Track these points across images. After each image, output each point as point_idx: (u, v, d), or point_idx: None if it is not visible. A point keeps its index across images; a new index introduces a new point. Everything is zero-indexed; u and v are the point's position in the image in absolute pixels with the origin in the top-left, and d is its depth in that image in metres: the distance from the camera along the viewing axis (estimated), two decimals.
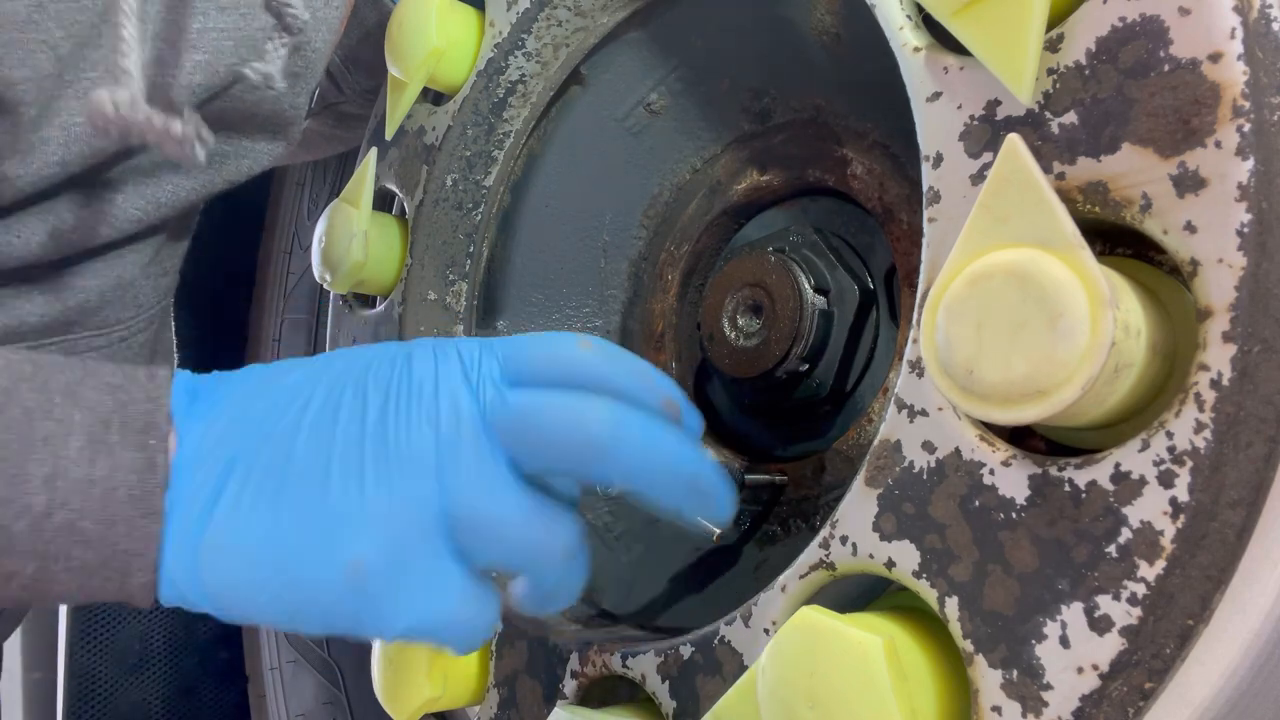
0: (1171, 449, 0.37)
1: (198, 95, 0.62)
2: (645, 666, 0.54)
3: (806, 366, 0.67)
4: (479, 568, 0.45)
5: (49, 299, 0.65)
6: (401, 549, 0.43)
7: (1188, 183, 0.37)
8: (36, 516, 0.40)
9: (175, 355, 0.82)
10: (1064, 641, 0.38)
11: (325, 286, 0.79)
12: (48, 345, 0.67)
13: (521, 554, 0.46)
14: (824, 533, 0.47)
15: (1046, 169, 0.41)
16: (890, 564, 0.44)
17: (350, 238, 0.76)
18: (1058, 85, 0.41)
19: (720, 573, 0.72)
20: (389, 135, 0.79)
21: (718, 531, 0.54)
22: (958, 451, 0.42)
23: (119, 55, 0.52)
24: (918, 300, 0.45)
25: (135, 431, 0.42)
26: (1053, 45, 0.41)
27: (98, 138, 0.59)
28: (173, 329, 0.81)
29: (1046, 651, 0.39)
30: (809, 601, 0.47)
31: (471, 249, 0.78)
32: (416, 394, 0.45)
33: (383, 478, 0.43)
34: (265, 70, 0.61)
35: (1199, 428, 0.37)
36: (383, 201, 0.81)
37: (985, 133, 0.43)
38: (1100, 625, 0.38)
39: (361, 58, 0.84)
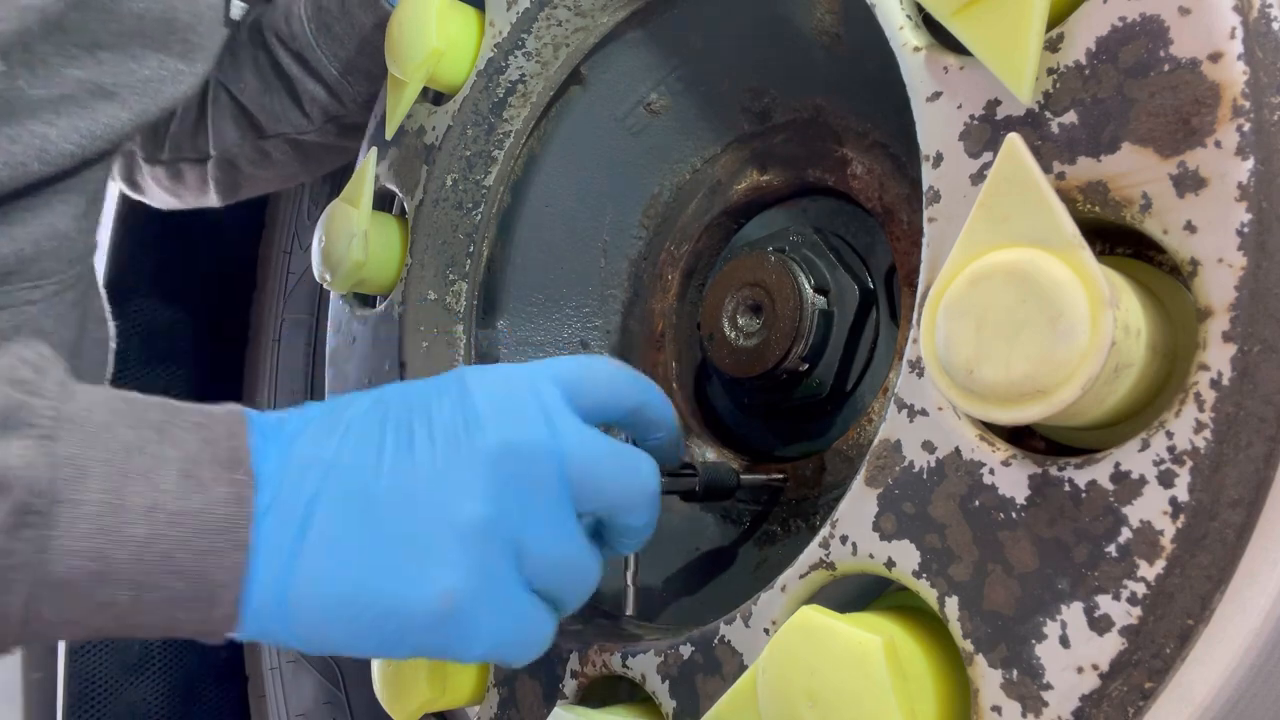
0: (1171, 449, 0.37)
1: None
2: (645, 666, 0.54)
3: (806, 366, 0.67)
4: (537, 589, 0.49)
5: None
6: (484, 572, 0.46)
7: (1188, 182, 0.37)
8: (138, 546, 0.42)
9: (109, 321, 0.81)
10: (1064, 641, 0.38)
11: (325, 286, 0.79)
12: None
13: (575, 588, 0.50)
14: (824, 532, 0.47)
15: (1046, 169, 0.41)
16: (890, 564, 0.44)
17: (350, 238, 0.76)
18: (1058, 85, 0.41)
19: (720, 573, 0.72)
20: (389, 135, 0.79)
21: None
22: (958, 451, 0.42)
23: None
24: (918, 300, 0.45)
25: (224, 467, 0.44)
26: (1053, 45, 0.41)
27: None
28: (103, 296, 0.81)
29: (1046, 651, 0.39)
30: (809, 601, 0.47)
31: (471, 249, 0.78)
32: (492, 422, 0.48)
33: (464, 503, 0.46)
34: None
35: (1199, 427, 0.37)
36: (383, 201, 0.81)
37: (985, 132, 0.43)
38: (1100, 625, 0.38)
39: (359, 66, 0.83)
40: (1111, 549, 0.38)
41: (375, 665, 0.63)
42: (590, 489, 0.49)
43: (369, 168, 0.78)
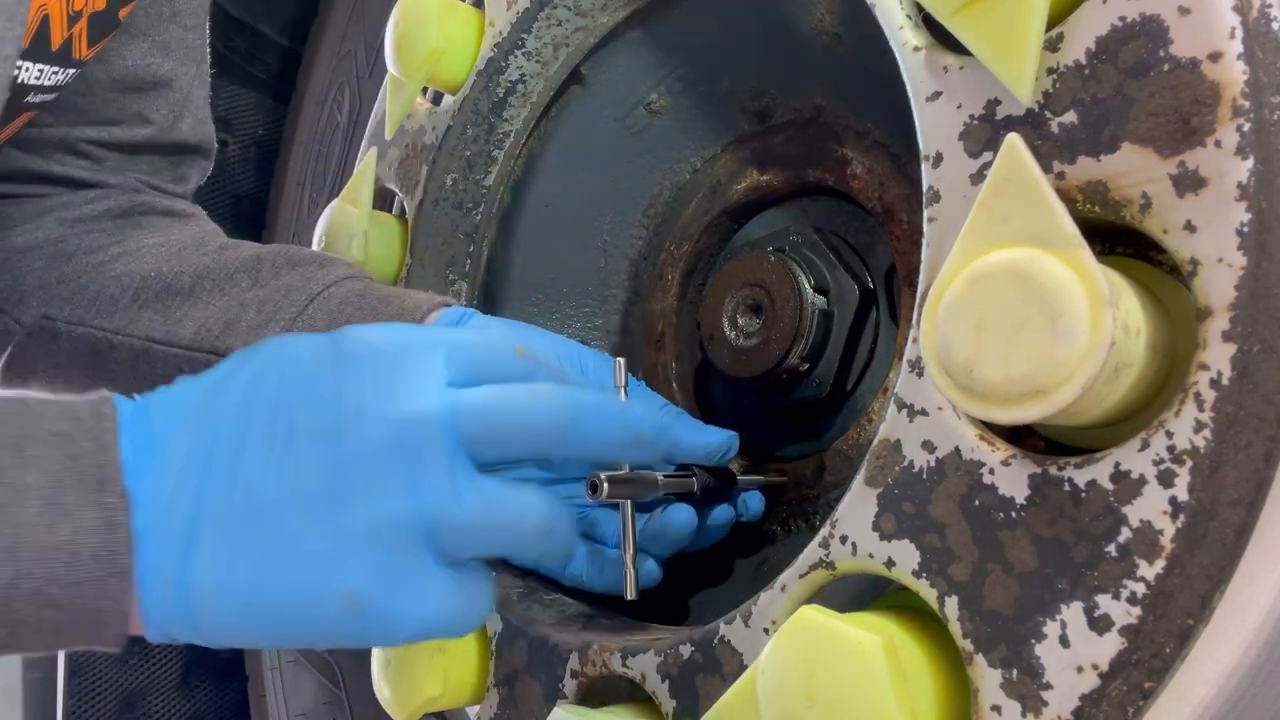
0: (1171, 448, 0.37)
1: None
2: (645, 666, 0.54)
3: (806, 366, 0.67)
4: (463, 561, 0.46)
5: None
6: (389, 569, 0.44)
7: (1187, 182, 0.37)
8: (3, 587, 0.39)
9: None
10: (1064, 641, 0.38)
11: None
12: None
13: (497, 544, 0.47)
14: (824, 532, 0.47)
15: (1046, 168, 0.41)
16: (890, 563, 0.44)
17: (350, 238, 0.76)
18: (1057, 85, 0.41)
19: (720, 573, 0.72)
20: (389, 135, 0.79)
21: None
22: (957, 451, 0.42)
23: None
24: (918, 300, 0.45)
25: (91, 489, 0.41)
26: (1052, 44, 0.41)
27: None
28: None
29: (1046, 651, 0.39)
30: (809, 601, 0.47)
31: (471, 249, 0.78)
32: (372, 409, 0.44)
33: (356, 503, 0.43)
34: None
35: (1199, 427, 0.37)
36: (383, 201, 0.81)
37: (985, 132, 0.43)
38: (1100, 625, 0.38)
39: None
40: (1111, 549, 0.38)
41: (375, 665, 0.63)
42: (486, 441, 0.46)
43: (369, 168, 0.78)
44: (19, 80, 0.65)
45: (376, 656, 0.63)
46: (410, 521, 0.44)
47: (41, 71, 0.67)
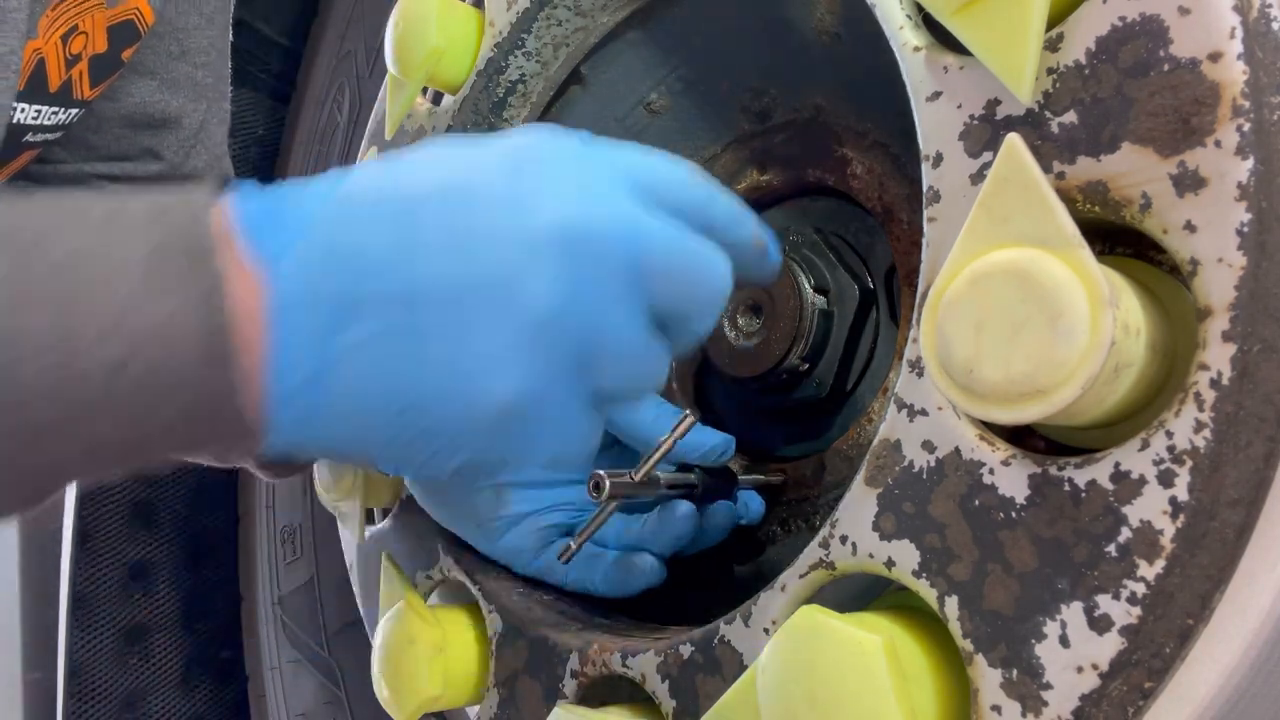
0: (1171, 448, 0.37)
1: None
2: (645, 666, 0.54)
3: (806, 366, 0.67)
4: (597, 388, 0.44)
5: None
6: (550, 379, 0.41)
7: (1187, 182, 0.37)
8: (109, 371, 0.35)
9: None
10: (1064, 641, 0.38)
11: None
12: None
13: (637, 388, 0.47)
14: (824, 532, 0.47)
15: (1046, 168, 0.41)
16: (890, 563, 0.44)
17: None
18: (1057, 85, 0.41)
19: (720, 573, 0.72)
20: (389, 135, 0.79)
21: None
22: (957, 451, 0.42)
23: None
24: (918, 300, 0.45)
25: (195, 258, 0.37)
26: (1052, 44, 0.41)
27: None
28: None
29: (1046, 651, 0.39)
30: (809, 601, 0.47)
31: None
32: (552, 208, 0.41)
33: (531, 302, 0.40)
34: None
35: (1199, 427, 0.37)
36: None
37: (985, 132, 0.43)
38: (1100, 624, 0.38)
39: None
40: (1111, 549, 0.38)
41: (375, 665, 0.63)
42: (662, 283, 0.43)
43: None
44: (16, 120, 0.66)
45: (377, 656, 0.63)
46: (575, 328, 0.41)
47: (40, 112, 0.68)
